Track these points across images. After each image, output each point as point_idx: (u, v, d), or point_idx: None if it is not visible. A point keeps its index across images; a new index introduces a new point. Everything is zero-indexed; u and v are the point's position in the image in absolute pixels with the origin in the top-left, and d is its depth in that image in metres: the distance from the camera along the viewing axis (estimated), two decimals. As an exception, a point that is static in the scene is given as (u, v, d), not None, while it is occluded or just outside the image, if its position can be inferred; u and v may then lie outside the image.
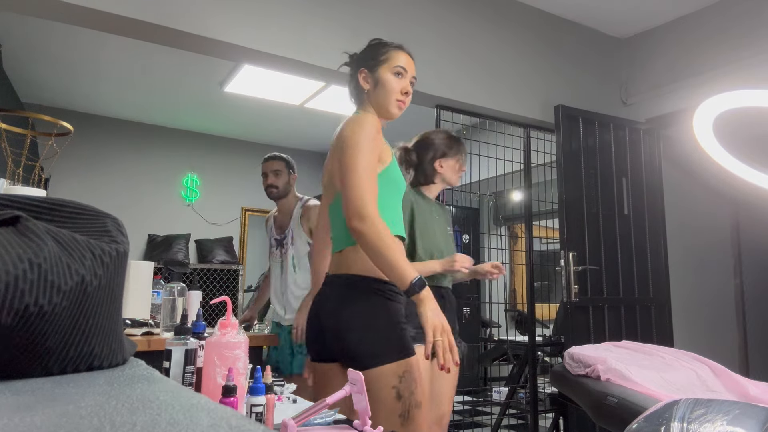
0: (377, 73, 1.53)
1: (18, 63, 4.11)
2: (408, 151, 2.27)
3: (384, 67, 1.53)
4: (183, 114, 5.33)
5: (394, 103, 1.51)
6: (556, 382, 1.87)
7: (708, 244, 4.01)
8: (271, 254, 2.87)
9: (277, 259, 2.82)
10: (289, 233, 2.79)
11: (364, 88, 1.55)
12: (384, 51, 1.55)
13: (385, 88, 1.51)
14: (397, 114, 1.54)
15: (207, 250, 5.49)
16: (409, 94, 1.53)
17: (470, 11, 3.28)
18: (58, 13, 2.25)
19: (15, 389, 0.60)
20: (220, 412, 0.50)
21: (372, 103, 1.55)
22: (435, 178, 2.24)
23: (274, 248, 2.85)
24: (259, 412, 1.08)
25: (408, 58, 1.55)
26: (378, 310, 1.39)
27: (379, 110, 1.54)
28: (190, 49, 2.61)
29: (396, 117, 1.54)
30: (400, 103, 1.52)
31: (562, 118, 3.31)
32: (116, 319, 0.77)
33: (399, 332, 1.38)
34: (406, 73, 1.53)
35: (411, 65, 1.55)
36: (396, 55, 1.54)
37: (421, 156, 2.24)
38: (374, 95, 1.53)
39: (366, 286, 1.41)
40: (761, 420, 1.02)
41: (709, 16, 3.39)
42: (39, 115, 2.74)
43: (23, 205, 0.74)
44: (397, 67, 1.52)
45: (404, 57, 1.54)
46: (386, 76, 1.52)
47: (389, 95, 1.51)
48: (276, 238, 2.85)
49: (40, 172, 3.65)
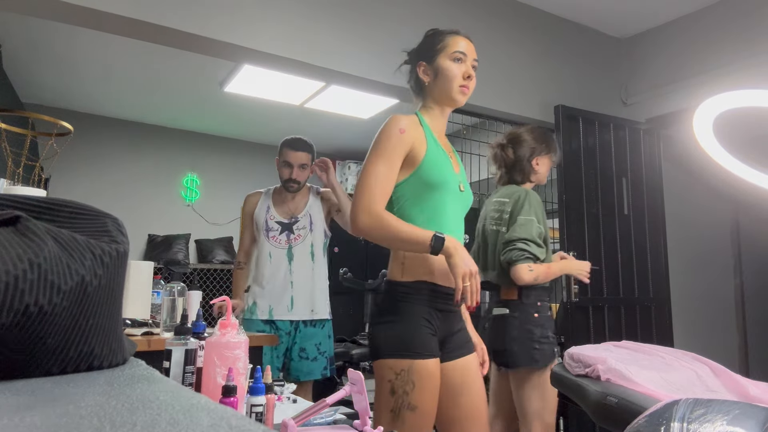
0: (436, 63, 1.51)
1: (18, 63, 4.11)
2: (504, 148, 2.22)
3: (442, 55, 1.50)
4: (183, 114, 5.33)
5: (456, 89, 1.49)
6: (555, 382, 1.87)
7: (708, 244, 4.01)
8: (269, 239, 2.53)
9: (280, 245, 2.51)
10: (305, 219, 2.54)
11: (425, 81, 1.54)
12: (440, 39, 1.53)
13: (446, 76, 1.49)
14: (462, 100, 1.51)
15: (207, 250, 5.49)
16: (471, 78, 1.50)
17: (469, 11, 3.28)
18: (59, 13, 2.25)
19: (15, 389, 0.60)
20: (220, 412, 0.50)
21: (433, 94, 1.53)
22: (531, 176, 2.20)
23: (276, 233, 2.53)
24: (259, 412, 1.08)
25: (466, 42, 1.53)
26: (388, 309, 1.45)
27: (441, 100, 1.53)
28: (190, 49, 2.61)
29: (461, 103, 1.52)
30: (463, 89, 1.50)
31: (562, 118, 3.31)
32: (116, 319, 0.77)
33: (408, 333, 1.40)
34: (465, 58, 1.50)
35: (470, 48, 1.53)
36: (453, 41, 1.51)
37: (517, 153, 2.18)
38: (435, 86, 1.52)
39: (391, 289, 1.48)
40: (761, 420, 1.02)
41: (709, 16, 3.39)
42: (39, 115, 2.74)
43: (23, 205, 0.74)
44: (455, 52, 1.49)
45: (462, 41, 1.52)
46: (445, 64, 1.49)
47: (451, 82, 1.49)
48: (281, 221, 2.54)
49: (40, 172, 3.65)
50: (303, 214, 2.54)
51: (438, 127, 1.56)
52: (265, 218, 2.54)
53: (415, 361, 1.38)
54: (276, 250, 2.51)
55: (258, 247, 2.57)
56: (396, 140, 1.42)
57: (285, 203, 2.57)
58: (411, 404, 1.36)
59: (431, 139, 1.49)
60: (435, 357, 1.42)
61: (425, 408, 1.38)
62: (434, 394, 1.40)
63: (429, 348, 1.41)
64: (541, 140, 2.20)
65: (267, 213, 2.55)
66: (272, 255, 2.50)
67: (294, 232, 2.51)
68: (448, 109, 1.56)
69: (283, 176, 2.54)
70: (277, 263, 2.49)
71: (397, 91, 3.07)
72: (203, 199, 5.78)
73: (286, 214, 2.55)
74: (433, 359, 1.41)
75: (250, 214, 2.61)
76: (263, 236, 2.53)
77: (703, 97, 2.24)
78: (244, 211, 2.65)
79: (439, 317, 1.46)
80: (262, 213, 2.56)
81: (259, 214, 2.57)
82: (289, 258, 2.49)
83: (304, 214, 2.54)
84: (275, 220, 2.53)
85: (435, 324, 1.44)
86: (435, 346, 1.43)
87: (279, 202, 2.58)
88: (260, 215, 2.57)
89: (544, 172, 2.22)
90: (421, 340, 1.40)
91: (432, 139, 1.50)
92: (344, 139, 5.78)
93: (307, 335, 2.50)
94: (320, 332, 2.54)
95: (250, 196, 2.65)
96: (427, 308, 1.44)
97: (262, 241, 2.54)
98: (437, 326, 1.45)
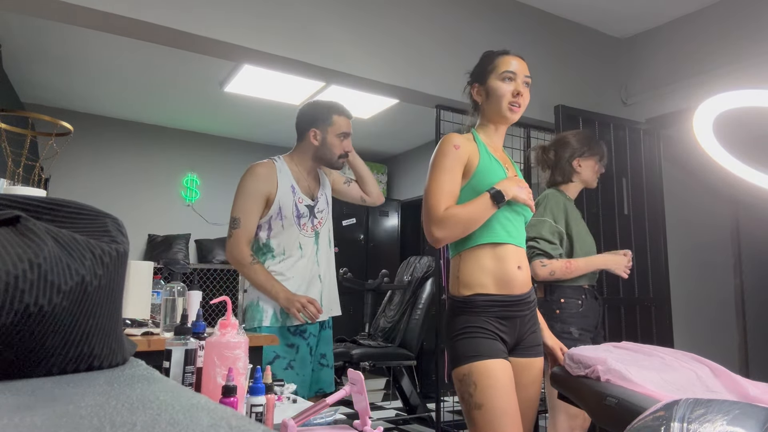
0: (487, 84, 1.61)
1: (18, 63, 4.11)
2: (545, 150, 2.32)
3: (492, 76, 1.60)
4: (183, 114, 5.33)
5: (506, 107, 1.58)
6: (555, 382, 1.87)
7: (708, 244, 4.01)
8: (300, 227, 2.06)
9: (308, 233, 2.07)
10: (323, 199, 2.16)
11: (478, 101, 1.65)
12: (491, 60, 1.63)
13: (496, 96, 1.58)
14: (512, 117, 1.60)
15: (207, 250, 5.49)
16: (521, 95, 1.58)
17: (470, 11, 3.27)
18: (58, 13, 2.25)
19: (15, 389, 0.60)
20: (220, 412, 0.50)
21: (486, 113, 1.64)
22: (573, 176, 2.26)
23: (306, 219, 2.07)
24: (259, 412, 1.08)
25: (517, 60, 1.61)
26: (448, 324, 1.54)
27: (494, 118, 1.63)
28: (190, 49, 2.61)
29: (513, 120, 1.61)
30: (512, 107, 1.58)
31: (562, 118, 3.31)
32: (116, 319, 0.77)
33: (459, 341, 1.49)
34: (515, 76, 1.58)
35: (521, 66, 1.61)
36: (502, 62, 1.61)
37: (558, 154, 2.27)
38: (488, 105, 1.62)
39: (450, 304, 1.57)
40: (761, 420, 1.02)
41: (709, 16, 3.39)
42: (39, 115, 2.74)
43: (23, 205, 0.74)
44: (504, 72, 1.58)
45: (512, 60, 1.61)
46: (495, 84, 1.59)
47: (500, 101, 1.58)
48: (308, 204, 2.10)
49: (40, 172, 3.65)
50: (320, 193, 2.16)
51: (493, 143, 1.65)
52: (294, 201, 2.05)
53: (473, 364, 1.44)
54: (306, 239, 2.06)
55: (280, 237, 2.05)
56: (452, 155, 1.53)
57: (306, 181, 2.13)
58: (476, 403, 1.43)
59: (484, 152, 1.59)
60: (497, 358, 1.46)
61: (493, 404, 1.42)
62: (502, 391, 1.43)
63: (488, 351, 1.46)
64: (584, 143, 2.28)
65: (294, 195, 2.06)
66: (302, 246, 2.05)
67: (317, 216, 2.11)
68: (502, 126, 1.66)
69: (336, 151, 2.11)
70: (308, 255, 2.06)
71: (398, 91, 3.07)
72: (203, 199, 5.78)
73: (309, 194, 2.12)
74: (496, 360, 1.46)
75: (267, 194, 2.02)
76: (293, 224, 2.04)
77: (703, 97, 2.23)
78: (254, 186, 2.03)
79: (503, 323, 1.51)
80: (288, 194, 2.05)
81: (284, 197, 2.04)
82: (317, 247, 2.09)
83: (321, 193, 2.16)
84: (304, 204, 2.07)
85: (497, 330, 1.50)
86: (497, 349, 1.48)
87: (300, 180, 2.11)
88: (286, 197, 2.04)
89: (589, 175, 2.28)
90: (476, 345, 1.46)
91: (485, 152, 1.59)
92: (344, 139, 5.78)
93: (325, 339, 2.15)
94: (331, 334, 2.21)
95: (258, 168, 2.05)
96: (483, 318, 1.49)
97: (292, 230, 2.05)
98: (502, 331, 1.51)
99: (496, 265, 1.51)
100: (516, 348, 1.56)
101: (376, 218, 5.99)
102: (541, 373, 1.62)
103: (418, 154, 6.10)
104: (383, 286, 4.22)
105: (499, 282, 1.51)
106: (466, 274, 1.53)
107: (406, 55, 3.00)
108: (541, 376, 1.63)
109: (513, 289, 1.52)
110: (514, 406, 1.44)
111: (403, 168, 6.42)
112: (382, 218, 6.04)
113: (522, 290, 1.55)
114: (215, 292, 5.22)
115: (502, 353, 1.49)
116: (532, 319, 1.59)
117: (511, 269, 1.52)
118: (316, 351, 2.11)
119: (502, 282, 1.51)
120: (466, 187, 1.55)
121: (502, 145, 1.70)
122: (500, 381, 1.44)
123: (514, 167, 1.70)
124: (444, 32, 3.15)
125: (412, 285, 4.21)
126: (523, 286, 1.55)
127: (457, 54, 3.16)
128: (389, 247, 5.93)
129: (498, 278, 1.51)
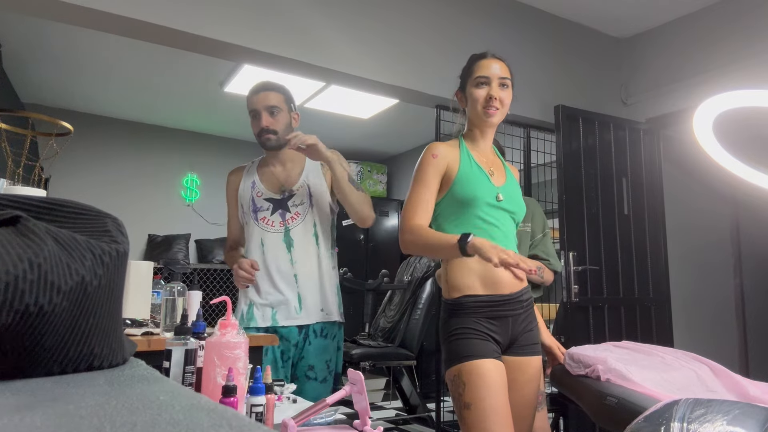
0: (467, 90, 1.63)
1: (18, 63, 4.11)
2: None
3: (469, 82, 1.62)
4: (183, 114, 5.33)
5: (481, 111, 1.59)
6: (555, 382, 1.87)
7: (708, 244, 4.01)
8: (258, 222, 1.98)
9: (273, 228, 1.96)
10: (303, 192, 1.99)
11: (462, 107, 1.68)
12: (468, 66, 1.66)
13: (471, 101, 1.61)
14: (490, 121, 1.60)
15: (207, 250, 5.49)
16: (494, 98, 1.57)
17: (470, 11, 3.27)
18: (58, 13, 2.25)
19: (15, 389, 0.60)
20: (220, 412, 0.50)
21: (470, 119, 1.66)
22: None
23: (266, 213, 1.98)
24: (259, 412, 1.08)
25: (494, 62, 1.62)
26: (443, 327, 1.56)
27: (475, 122, 1.64)
28: (190, 49, 2.61)
29: (493, 124, 1.62)
30: (486, 110, 1.59)
31: (562, 118, 3.30)
32: (116, 319, 0.77)
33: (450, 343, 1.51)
34: (488, 80, 1.59)
35: (497, 69, 1.61)
36: (477, 67, 1.63)
37: None
38: (469, 111, 1.64)
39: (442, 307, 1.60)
40: (761, 420, 1.02)
41: (708, 16, 3.39)
42: (39, 115, 2.74)
43: (23, 205, 0.74)
44: (477, 78, 1.60)
45: (488, 64, 1.62)
46: (470, 90, 1.61)
47: (475, 107, 1.60)
48: (271, 197, 2.00)
49: (40, 172, 3.65)
50: (299, 185, 1.99)
51: (479, 147, 1.66)
52: (251, 195, 2.00)
53: (463, 365, 1.46)
54: (269, 235, 1.96)
55: (247, 235, 2.03)
56: (430, 165, 1.57)
57: (274, 175, 2.03)
58: (465, 403, 1.44)
59: (465, 159, 1.60)
60: (487, 358, 1.47)
61: (482, 403, 1.42)
62: (491, 389, 1.44)
63: (477, 351, 1.47)
64: None
65: (252, 189, 2.01)
66: (264, 242, 1.96)
67: (290, 210, 1.97)
68: (487, 130, 1.65)
69: (254, 131, 2.03)
70: (273, 252, 1.94)
71: (397, 91, 3.07)
72: (203, 199, 5.78)
73: (276, 187, 2.00)
74: (486, 359, 1.46)
75: (234, 194, 2.08)
76: (251, 219, 1.99)
77: (703, 97, 2.24)
78: (227, 192, 2.12)
79: (493, 323, 1.52)
80: (247, 190, 2.02)
81: (243, 192, 2.03)
82: (288, 244, 1.95)
83: (300, 184, 1.99)
84: (264, 197, 1.99)
85: (487, 330, 1.50)
86: (487, 349, 1.48)
87: (267, 174, 2.04)
88: (245, 193, 2.02)
89: None
90: (465, 345, 1.48)
91: (467, 158, 1.60)
92: (344, 139, 5.77)
93: (318, 349, 1.96)
94: (331, 345, 2.00)
95: (230, 174, 2.13)
96: (473, 319, 1.50)
97: (251, 226, 1.99)
98: (493, 331, 1.51)
99: (481, 266, 1.51)
100: (511, 347, 1.56)
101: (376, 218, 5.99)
102: (539, 372, 1.61)
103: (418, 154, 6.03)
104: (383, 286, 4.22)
105: (487, 282, 1.52)
106: (454, 277, 1.55)
107: (406, 55, 3.00)
108: (539, 375, 1.62)
109: (501, 288, 1.53)
110: (503, 405, 1.44)
111: (403, 168, 6.42)
112: (382, 218, 6.05)
113: (511, 289, 1.54)
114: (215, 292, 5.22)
115: (494, 353, 1.49)
116: (528, 317, 1.59)
117: (498, 269, 1.48)
118: (301, 362, 1.95)
119: (489, 282, 1.52)
120: (447, 196, 1.58)
121: (491, 148, 1.70)
122: (489, 380, 1.44)
123: (505, 169, 1.68)
124: (444, 32, 3.15)
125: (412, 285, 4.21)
126: (512, 286, 1.55)
127: (457, 54, 3.15)
128: (389, 247, 5.93)
129: (485, 279, 1.52)
